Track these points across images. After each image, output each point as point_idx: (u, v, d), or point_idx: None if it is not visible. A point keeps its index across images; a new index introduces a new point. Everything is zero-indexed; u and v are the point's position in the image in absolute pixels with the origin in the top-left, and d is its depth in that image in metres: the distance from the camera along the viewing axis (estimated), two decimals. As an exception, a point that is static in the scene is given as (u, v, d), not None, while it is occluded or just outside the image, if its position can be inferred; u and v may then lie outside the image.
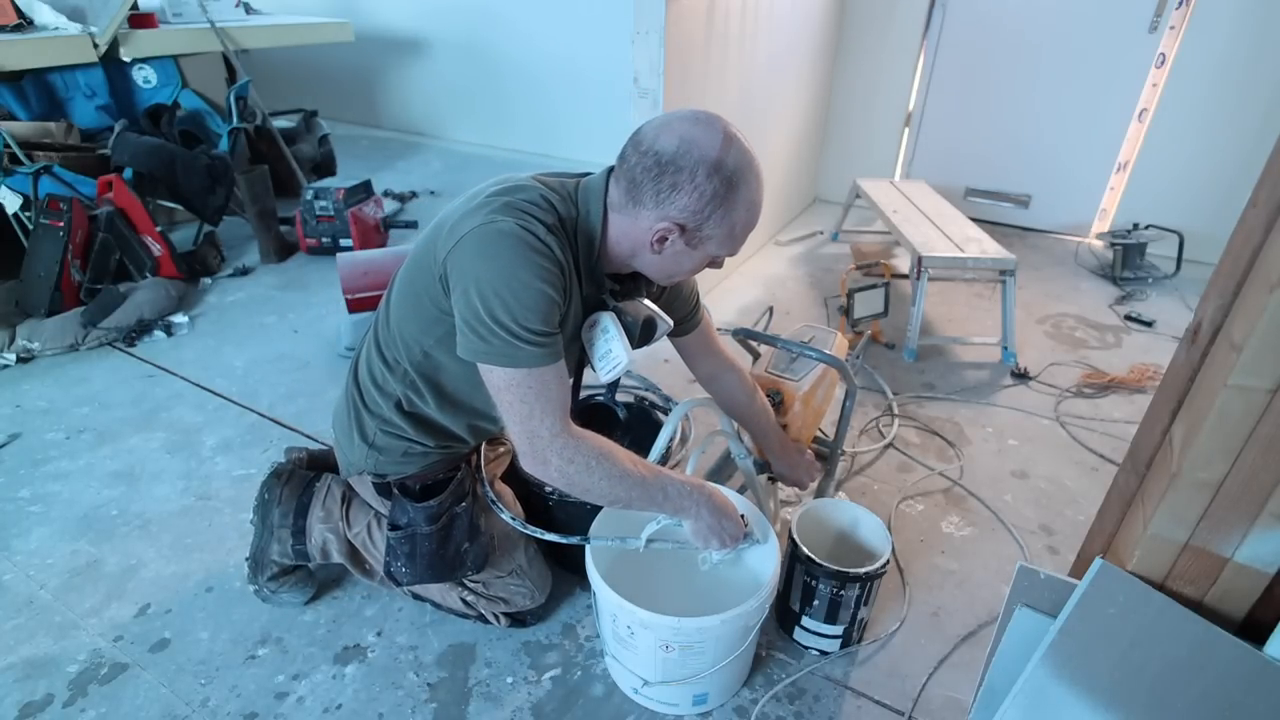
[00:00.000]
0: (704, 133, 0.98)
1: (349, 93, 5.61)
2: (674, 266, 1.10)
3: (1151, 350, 2.58)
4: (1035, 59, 3.43)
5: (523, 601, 1.42)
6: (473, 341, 1.00)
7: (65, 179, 2.69)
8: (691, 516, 1.15)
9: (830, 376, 1.60)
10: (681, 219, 1.01)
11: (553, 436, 1.02)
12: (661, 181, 0.99)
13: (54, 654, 1.39)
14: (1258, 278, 0.75)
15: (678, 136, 0.98)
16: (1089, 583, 0.87)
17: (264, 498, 1.45)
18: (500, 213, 0.99)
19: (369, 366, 1.25)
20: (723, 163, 0.98)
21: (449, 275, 1.02)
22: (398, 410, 1.23)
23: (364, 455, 1.28)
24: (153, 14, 3.32)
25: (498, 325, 0.97)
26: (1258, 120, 3.02)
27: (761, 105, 3.00)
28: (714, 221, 1.02)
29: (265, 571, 1.45)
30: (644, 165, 1.00)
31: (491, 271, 0.97)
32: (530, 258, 0.98)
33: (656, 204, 1.01)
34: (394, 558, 1.32)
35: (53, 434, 2.02)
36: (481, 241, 0.98)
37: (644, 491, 1.09)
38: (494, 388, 1.03)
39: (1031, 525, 1.76)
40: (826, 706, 1.32)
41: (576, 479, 1.04)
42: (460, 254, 1.00)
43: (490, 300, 0.97)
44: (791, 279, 3.14)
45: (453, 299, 1.03)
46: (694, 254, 1.07)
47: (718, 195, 0.99)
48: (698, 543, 1.19)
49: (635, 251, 1.09)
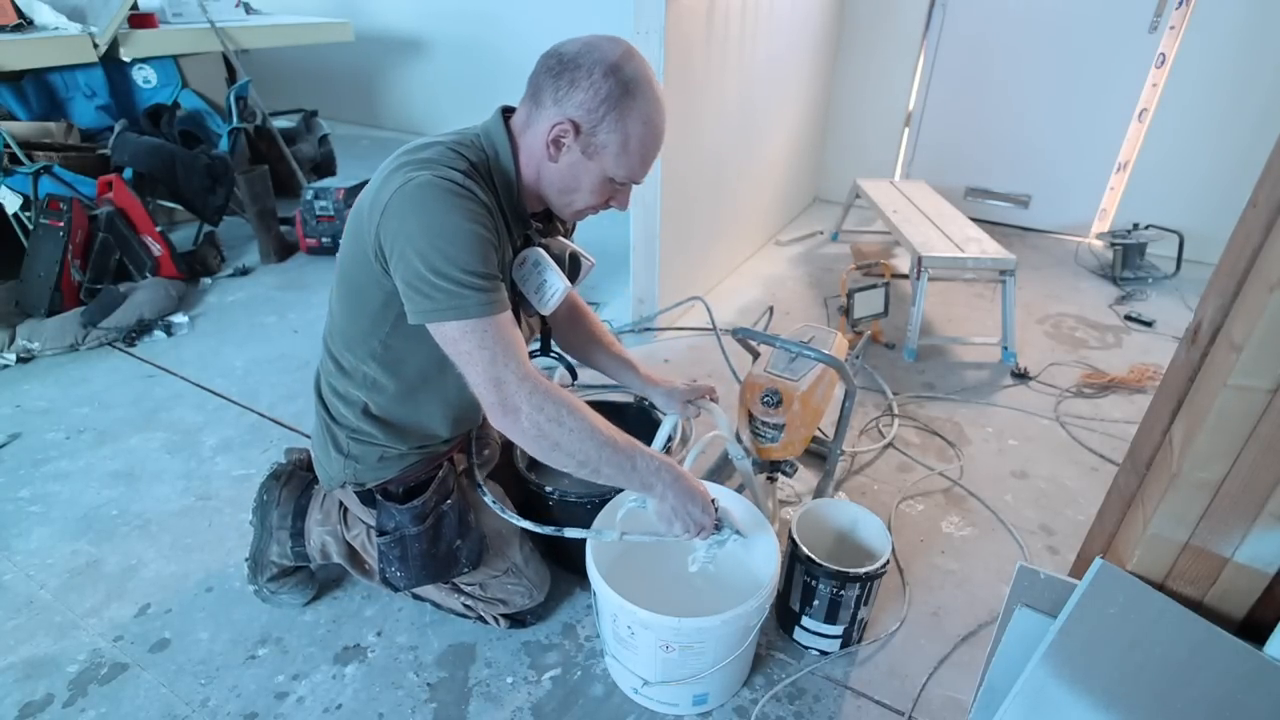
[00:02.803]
0: (608, 42, 1.03)
1: (349, 93, 5.61)
2: (572, 180, 1.08)
3: (1151, 350, 2.58)
4: (1035, 59, 3.43)
5: (521, 601, 1.42)
6: (420, 302, 0.99)
7: (65, 179, 2.69)
8: (657, 495, 1.12)
9: (829, 376, 1.60)
10: (576, 116, 1.02)
11: (520, 380, 1.00)
12: (561, 79, 1.02)
13: (54, 654, 1.39)
14: (1258, 278, 0.75)
15: (583, 42, 1.03)
16: (1089, 583, 0.87)
17: (262, 499, 1.45)
18: (414, 170, 0.99)
19: (328, 380, 1.25)
20: (621, 67, 1.01)
21: (383, 248, 1.01)
22: (365, 416, 1.22)
23: (341, 467, 1.28)
24: (153, 14, 3.32)
25: (439, 276, 0.96)
26: (1257, 120, 3.02)
27: (761, 105, 3.00)
28: (608, 125, 1.02)
29: (265, 572, 1.45)
30: (546, 66, 1.04)
31: (421, 225, 0.97)
32: (455, 202, 0.98)
33: (555, 102, 1.03)
34: (387, 563, 1.31)
35: (53, 434, 2.02)
36: (404, 201, 0.98)
37: (614, 455, 1.06)
38: (451, 345, 1.01)
39: (1031, 525, 1.76)
40: (826, 706, 1.32)
41: (548, 430, 1.01)
42: (388, 221, 0.99)
43: (427, 253, 0.96)
44: (791, 279, 3.14)
45: (392, 269, 1.01)
46: (590, 166, 1.06)
47: (612, 96, 1.01)
48: (661, 526, 1.16)
49: (539, 168, 1.09)
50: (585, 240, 1.31)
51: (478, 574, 1.39)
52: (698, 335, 2.62)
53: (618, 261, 2.60)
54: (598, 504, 1.36)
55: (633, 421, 1.69)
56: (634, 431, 1.69)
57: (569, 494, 1.41)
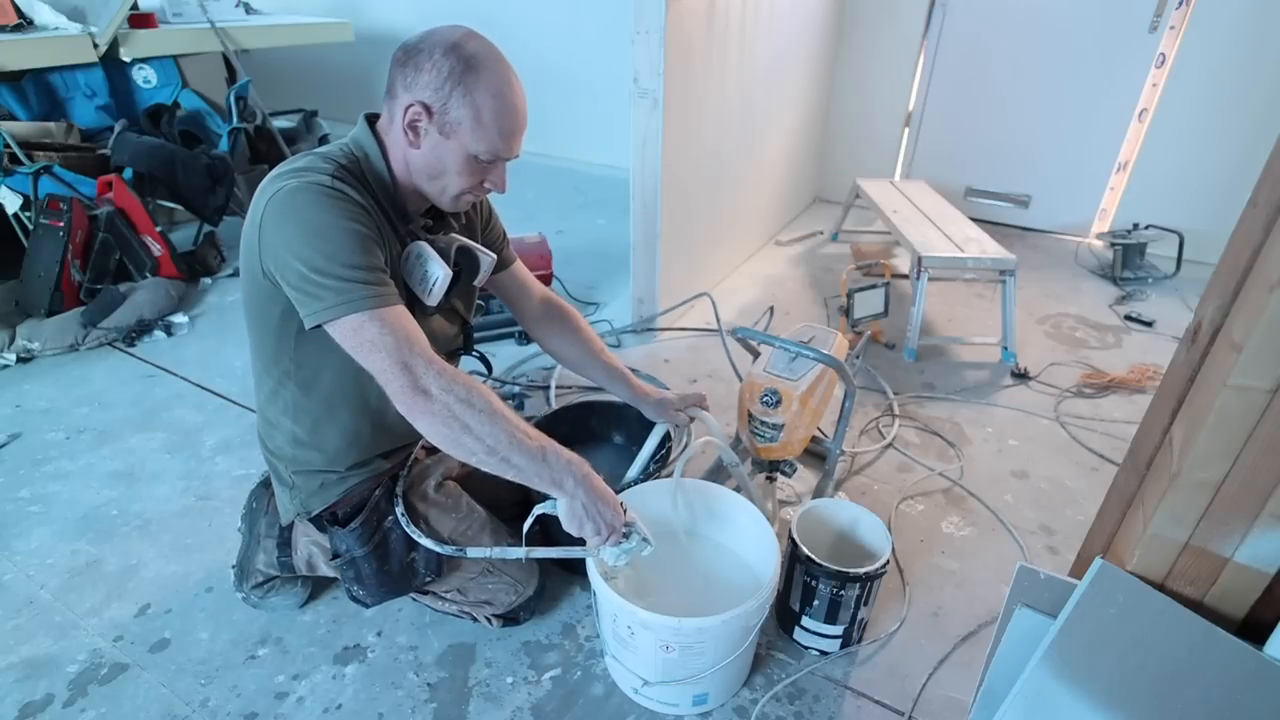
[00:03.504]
0: (448, 27, 1.06)
1: (349, 93, 5.61)
2: (437, 163, 1.09)
3: (1151, 350, 2.58)
4: (1035, 59, 3.43)
5: (507, 598, 1.40)
6: (310, 304, 0.99)
7: (65, 179, 2.68)
8: (568, 493, 1.09)
9: (829, 377, 1.60)
10: (425, 97, 1.04)
11: (428, 362, 1.00)
12: (406, 66, 1.04)
13: (54, 654, 1.39)
14: (1258, 278, 0.75)
15: (423, 32, 1.06)
16: (1089, 583, 0.87)
17: (251, 506, 1.46)
18: (284, 180, 1.01)
19: (261, 412, 1.27)
20: (461, 45, 1.03)
21: (266, 260, 1.02)
22: (296, 443, 1.24)
23: (289, 498, 1.29)
24: (153, 14, 3.32)
25: (323, 275, 0.97)
26: (1257, 120, 3.02)
27: (762, 105, 3.00)
28: (456, 101, 1.03)
29: (250, 580, 1.45)
30: (395, 59, 1.06)
31: (297, 228, 0.98)
32: (327, 203, 1.00)
33: (405, 88, 1.05)
34: (348, 584, 1.33)
35: (53, 434, 2.02)
36: (277, 210, 1.00)
37: (524, 446, 1.04)
38: (351, 339, 1.00)
39: (1031, 525, 1.76)
40: (826, 706, 1.32)
41: (458, 411, 0.99)
42: (266, 233, 1.01)
43: (307, 254, 0.98)
44: (791, 279, 3.14)
45: (280, 279, 1.02)
46: (450, 145, 1.07)
47: (455, 72, 1.02)
48: (570, 526, 1.11)
49: (407, 161, 1.10)
50: (584, 240, 1.31)
51: (452, 579, 1.37)
52: (698, 335, 2.62)
53: (618, 262, 2.60)
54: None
55: (632, 422, 1.69)
56: (632, 431, 1.70)
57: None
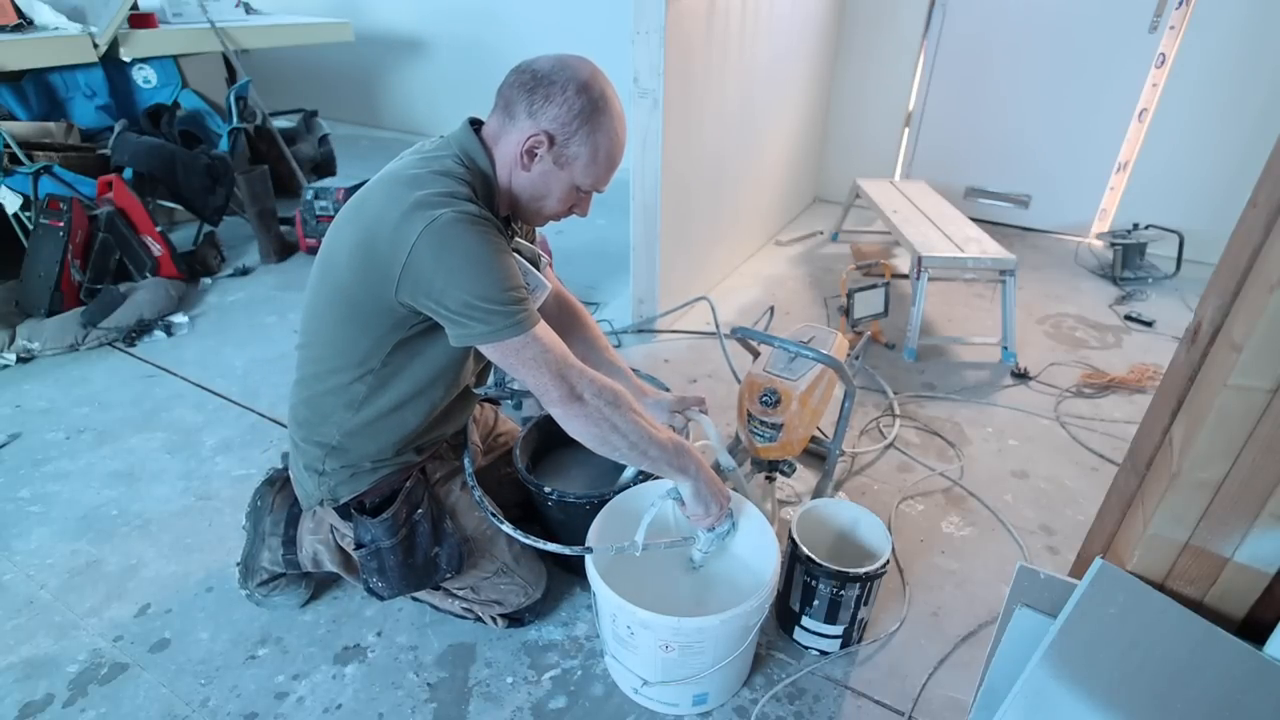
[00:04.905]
0: (577, 61, 1.11)
1: (349, 93, 5.61)
2: (543, 188, 1.15)
3: (1151, 350, 2.58)
4: (1035, 59, 3.43)
5: (516, 599, 1.41)
6: (474, 327, 1.05)
7: (65, 179, 2.69)
8: (693, 478, 1.21)
9: (828, 376, 1.60)
10: (551, 129, 1.09)
11: (579, 372, 1.11)
12: (535, 94, 1.08)
13: (54, 654, 1.39)
14: (1258, 278, 0.75)
15: (553, 60, 1.10)
16: (1089, 583, 0.87)
17: (256, 504, 1.46)
18: (432, 208, 1.03)
19: (308, 400, 1.26)
20: (591, 85, 1.09)
21: (415, 287, 1.05)
22: (345, 433, 1.24)
23: (316, 485, 1.29)
24: (153, 14, 3.32)
25: (487, 301, 1.03)
26: (1257, 120, 3.02)
27: (762, 105, 3.00)
28: (580, 138, 1.10)
29: (255, 578, 1.45)
30: (521, 81, 1.10)
31: (458, 261, 1.02)
32: (481, 234, 1.04)
33: (529, 114, 1.09)
34: (368, 575, 1.33)
35: (53, 434, 2.02)
36: (434, 242, 1.02)
37: (658, 439, 1.16)
38: (512, 357, 1.08)
39: (1031, 525, 1.76)
40: (826, 706, 1.32)
41: (608, 414, 1.11)
42: (418, 263, 1.03)
43: (470, 284, 1.03)
44: (791, 279, 3.14)
45: (428, 304, 1.06)
46: (561, 175, 1.14)
47: (584, 111, 1.08)
48: (696, 507, 1.23)
49: (511, 176, 1.15)
50: (586, 240, 1.32)
51: (467, 577, 1.38)
52: (698, 336, 2.62)
53: (618, 262, 2.60)
54: (597, 504, 1.36)
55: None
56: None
57: (567, 495, 1.40)
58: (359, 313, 1.13)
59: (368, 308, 1.12)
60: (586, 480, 1.56)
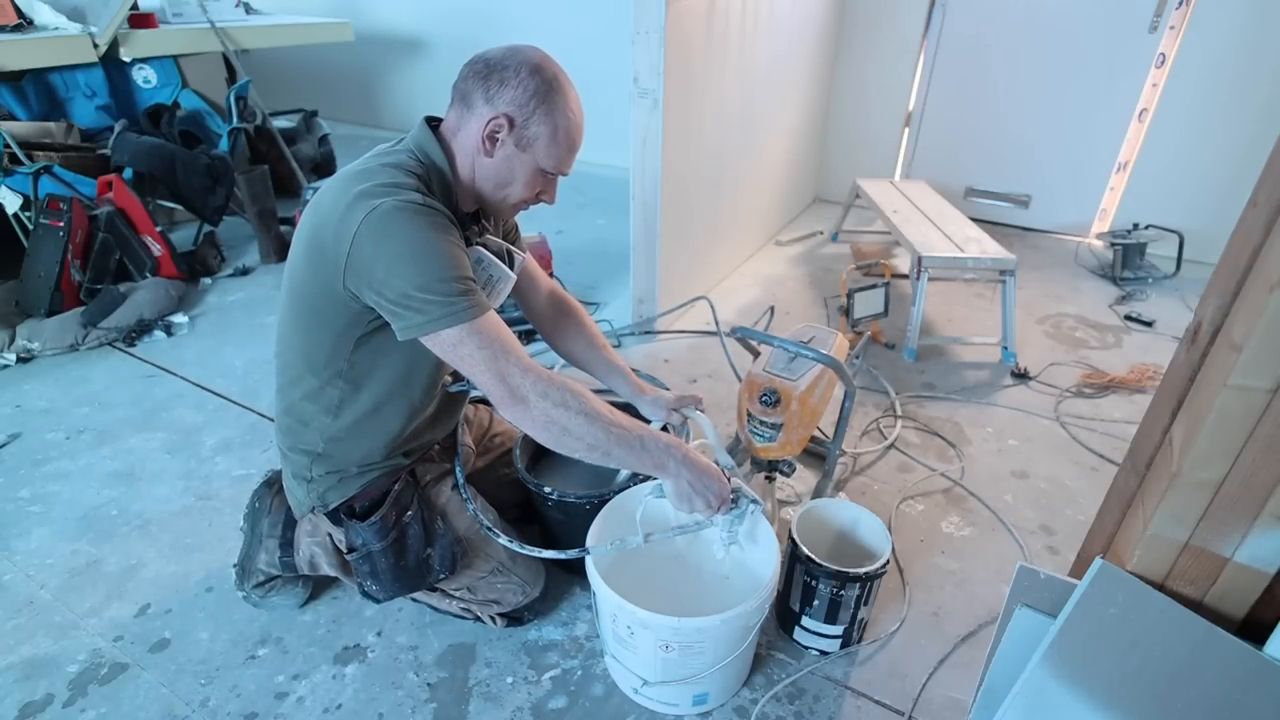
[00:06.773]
0: (527, 48, 1.11)
1: (349, 93, 5.61)
2: (507, 174, 1.14)
3: (1151, 350, 2.58)
4: (1035, 59, 3.43)
5: (514, 598, 1.41)
6: (411, 318, 1.02)
7: (65, 179, 2.69)
8: (672, 475, 1.15)
9: (828, 376, 1.60)
10: (510, 110, 1.09)
11: (524, 372, 1.05)
12: (490, 80, 1.09)
13: (54, 654, 1.40)
14: (1258, 278, 0.75)
15: (504, 48, 1.11)
16: (1089, 583, 0.87)
17: (254, 506, 1.46)
18: (374, 198, 1.02)
19: (289, 408, 1.28)
20: (543, 67, 1.10)
21: (355, 275, 1.04)
22: (328, 438, 1.25)
23: (306, 492, 1.30)
24: (153, 14, 3.32)
25: (428, 291, 1.00)
26: (1257, 120, 3.01)
27: (761, 105, 3.00)
28: (539, 118, 1.09)
29: (252, 579, 1.45)
30: (475, 71, 1.10)
31: (398, 249, 1.00)
32: (423, 220, 1.02)
33: (487, 100, 1.09)
34: (362, 578, 1.33)
35: (53, 434, 2.02)
36: (375, 230, 1.01)
37: (623, 436, 1.10)
38: (451, 351, 1.05)
39: (1031, 525, 1.76)
40: (826, 706, 1.32)
41: (555, 415, 1.06)
42: (360, 252, 1.02)
43: (409, 272, 1.00)
44: (791, 279, 3.14)
45: (370, 295, 1.04)
46: (523, 158, 1.12)
47: (540, 91, 1.08)
48: (681, 506, 1.18)
49: (474, 166, 1.14)
50: (586, 240, 1.32)
51: (463, 577, 1.38)
52: (698, 336, 2.62)
53: (618, 261, 2.60)
54: (596, 504, 1.36)
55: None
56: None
57: (567, 495, 1.40)
58: (316, 311, 1.13)
59: (322, 304, 1.11)
60: (587, 480, 1.56)
